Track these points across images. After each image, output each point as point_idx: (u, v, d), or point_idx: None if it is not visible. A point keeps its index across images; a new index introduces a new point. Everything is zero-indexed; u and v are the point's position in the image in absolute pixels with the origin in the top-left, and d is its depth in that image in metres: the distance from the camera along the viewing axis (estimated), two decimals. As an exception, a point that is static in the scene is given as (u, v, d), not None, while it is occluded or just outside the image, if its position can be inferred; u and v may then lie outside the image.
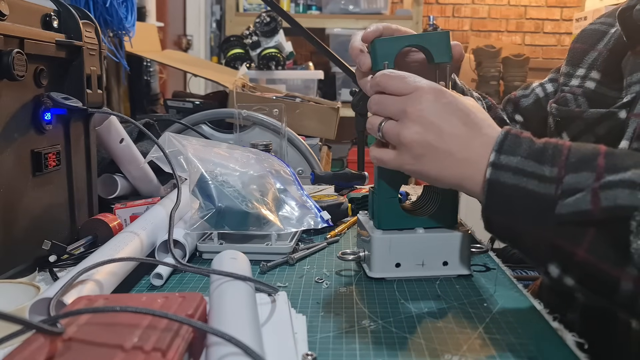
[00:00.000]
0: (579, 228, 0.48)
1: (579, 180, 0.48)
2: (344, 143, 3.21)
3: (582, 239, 0.47)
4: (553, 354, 0.47)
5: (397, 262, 0.64)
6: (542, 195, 0.49)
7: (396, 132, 0.56)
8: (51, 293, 0.49)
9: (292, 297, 0.59)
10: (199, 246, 0.73)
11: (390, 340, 0.49)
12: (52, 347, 0.37)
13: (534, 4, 3.89)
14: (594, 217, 0.47)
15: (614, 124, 0.69)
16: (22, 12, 0.64)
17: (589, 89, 0.74)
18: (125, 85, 1.73)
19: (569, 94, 0.76)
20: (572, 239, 0.48)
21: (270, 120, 1.39)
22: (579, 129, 0.73)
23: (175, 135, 0.78)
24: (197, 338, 0.42)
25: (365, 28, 0.65)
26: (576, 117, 0.74)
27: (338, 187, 1.09)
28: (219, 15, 3.39)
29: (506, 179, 0.51)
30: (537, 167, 0.50)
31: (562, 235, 0.48)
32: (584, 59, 0.78)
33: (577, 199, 0.47)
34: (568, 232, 0.48)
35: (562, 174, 0.49)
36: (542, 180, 0.50)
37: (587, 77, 0.76)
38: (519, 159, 0.51)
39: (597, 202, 0.46)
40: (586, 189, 0.47)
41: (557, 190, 0.49)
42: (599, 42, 0.77)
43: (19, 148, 0.63)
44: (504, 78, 3.39)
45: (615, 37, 0.75)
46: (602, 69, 0.74)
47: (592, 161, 0.49)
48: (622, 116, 0.68)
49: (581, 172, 0.48)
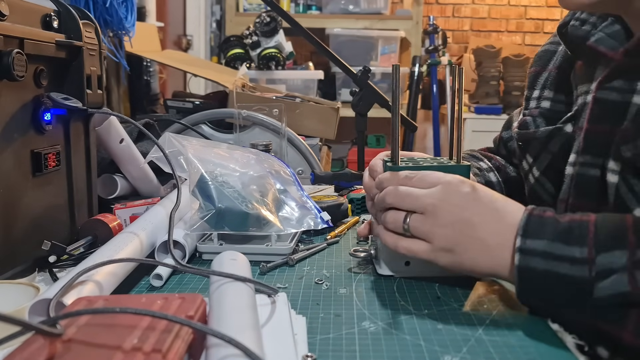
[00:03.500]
0: (620, 310, 0.47)
1: (612, 259, 0.47)
2: (344, 143, 3.21)
3: (626, 322, 0.47)
4: (553, 356, 0.47)
5: (407, 260, 0.64)
6: (576, 279, 0.48)
7: (427, 228, 0.57)
8: (51, 294, 0.49)
9: (292, 298, 0.59)
10: (198, 247, 0.73)
11: (390, 341, 0.49)
12: (52, 348, 0.37)
13: (534, 4, 3.89)
14: (634, 299, 0.46)
15: (563, 139, 0.69)
16: (22, 12, 0.64)
17: (545, 108, 0.75)
18: (125, 85, 1.73)
19: (529, 117, 0.76)
20: (615, 323, 0.47)
21: (270, 121, 1.39)
22: (536, 150, 0.74)
23: (175, 136, 0.78)
24: (196, 339, 0.42)
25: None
26: (532, 138, 0.74)
27: (338, 188, 1.09)
28: (219, 15, 3.39)
29: (536, 264, 0.51)
30: (566, 249, 0.50)
31: (603, 319, 0.48)
32: (537, 81, 0.79)
33: (614, 280, 0.47)
34: (609, 315, 0.47)
35: (593, 254, 0.48)
36: (574, 263, 0.49)
37: (541, 97, 0.77)
38: (546, 242, 0.51)
39: (634, 282, 0.46)
40: (621, 269, 0.47)
41: (590, 272, 0.48)
42: (549, 62, 0.78)
43: (18, 148, 0.63)
44: (504, 78, 3.39)
45: (562, 54, 0.76)
46: (554, 87, 0.75)
47: (623, 238, 0.48)
48: (569, 130, 0.69)
49: (613, 250, 0.48)
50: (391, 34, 3.26)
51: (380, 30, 3.24)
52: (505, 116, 3.27)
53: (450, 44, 3.86)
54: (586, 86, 0.67)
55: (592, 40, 0.64)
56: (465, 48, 3.89)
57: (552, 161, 0.71)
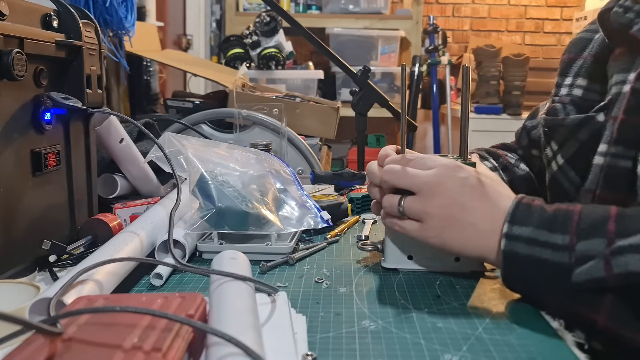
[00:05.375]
0: (596, 295, 0.48)
1: (591, 247, 0.49)
2: (344, 143, 3.21)
3: (600, 306, 0.48)
4: (553, 355, 0.47)
5: (410, 254, 0.65)
6: (556, 264, 0.50)
7: (420, 207, 0.58)
8: (51, 293, 0.49)
9: (292, 297, 0.59)
10: (198, 246, 0.73)
11: (390, 340, 0.49)
12: (52, 347, 0.37)
13: (534, 3, 3.89)
14: (608, 284, 0.47)
15: (593, 128, 0.69)
16: (22, 12, 0.64)
17: (577, 96, 0.75)
18: (125, 85, 1.73)
19: (558, 104, 0.76)
20: (591, 307, 0.49)
21: (270, 120, 1.39)
22: (563, 137, 0.74)
23: (175, 135, 0.78)
24: (197, 338, 0.42)
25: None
26: (559, 125, 0.74)
27: (338, 187, 1.09)
28: (219, 14, 3.39)
29: (520, 249, 0.53)
30: (549, 235, 0.51)
31: (580, 303, 0.50)
32: (571, 68, 0.78)
33: (591, 266, 0.48)
34: (586, 300, 0.49)
35: (574, 241, 0.50)
36: (555, 249, 0.51)
37: (574, 85, 0.76)
38: (531, 229, 0.53)
39: (609, 269, 0.47)
40: (598, 256, 0.48)
41: (570, 258, 0.50)
42: (584, 49, 0.77)
43: (18, 148, 0.63)
44: (504, 78, 3.38)
45: (598, 42, 0.75)
46: (588, 75, 0.75)
47: (603, 226, 0.49)
48: (601, 119, 0.68)
49: (592, 238, 0.49)
50: (391, 34, 3.26)
51: (380, 30, 3.24)
52: (506, 116, 3.30)
53: (450, 44, 3.86)
54: (622, 75, 0.66)
55: (636, 28, 0.64)
56: (465, 48, 3.89)
57: (579, 150, 0.71)
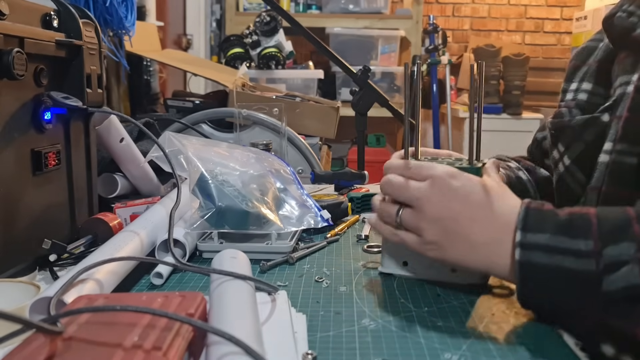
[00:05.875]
0: (631, 305, 0.45)
1: (621, 252, 0.46)
2: (344, 142, 3.20)
3: (638, 317, 0.44)
4: (553, 354, 0.47)
5: (404, 260, 0.64)
6: (582, 272, 0.47)
7: (415, 222, 0.57)
8: (51, 292, 0.49)
9: (292, 296, 0.59)
10: (199, 245, 0.73)
11: (390, 339, 0.49)
12: (52, 346, 0.37)
13: (534, 3, 3.89)
14: None
15: (598, 128, 0.69)
16: (22, 11, 0.64)
17: (582, 100, 0.75)
18: (125, 85, 1.73)
19: (564, 108, 0.77)
20: (629, 318, 0.45)
21: (270, 120, 1.39)
22: (569, 138, 0.74)
23: (175, 135, 0.78)
24: (197, 337, 0.42)
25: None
26: (565, 126, 0.75)
27: (338, 187, 1.09)
28: (219, 14, 3.39)
29: (538, 259, 0.49)
30: (570, 242, 0.48)
31: (614, 315, 0.46)
32: (576, 74, 0.79)
33: (625, 272, 0.45)
34: (622, 310, 0.45)
35: (599, 246, 0.47)
36: (579, 256, 0.47)
37: (579, 89, 0.77)
38: (548, 236, 0.49)
39: None
40: (632, 261, 0.45)
41: (598, 265, 0.46)
42: (589, 56, 0.78)
43: (19, 147, 0.63)
44: (504, 77, 3.38)
45: (603, 49, 0.76)
46: (593, 79, 0.75)
47: (628, 228, 0.47)
48: (606, 120, 0.69)
49: (620, 242, 0.46)
50: (391, 34, 3.26)
51: (380, 30, 3.24)
52: (506, 115, 3.30)
53: (450, 44, 3.85)
54: (626, 77, 0.67)
55: (639, 31, 0.65)
56: (465, 47, 3.89)
57: (585, 150, 0.71)
